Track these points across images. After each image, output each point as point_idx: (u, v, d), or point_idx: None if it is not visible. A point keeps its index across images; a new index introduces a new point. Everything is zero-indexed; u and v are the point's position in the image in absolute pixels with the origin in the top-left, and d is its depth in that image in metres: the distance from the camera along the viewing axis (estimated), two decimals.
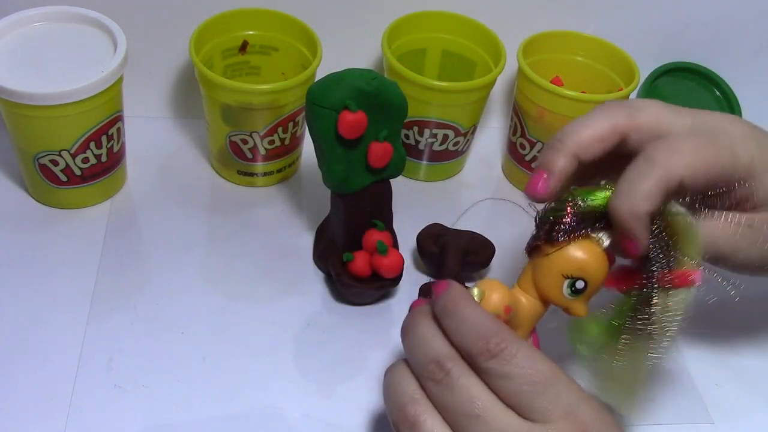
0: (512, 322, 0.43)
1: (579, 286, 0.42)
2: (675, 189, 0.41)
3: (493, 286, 0.43)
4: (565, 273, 0.42)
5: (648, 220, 0.41)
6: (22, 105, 0.54)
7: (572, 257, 0.42)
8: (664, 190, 0.41)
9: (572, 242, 0.42)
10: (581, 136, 0.43)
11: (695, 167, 0.42)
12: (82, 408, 0.49)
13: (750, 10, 0.73)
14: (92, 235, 0.59)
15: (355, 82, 0.51)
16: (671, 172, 0.41)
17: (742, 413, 0.55)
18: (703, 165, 0.42)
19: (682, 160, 0.41)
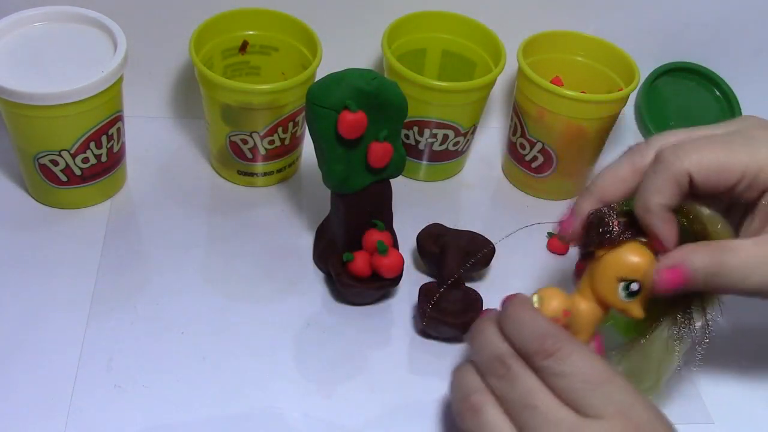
0: (572, 326, 0.46)
1: (634, 288, 0.45)
2: (686, 184, 0.44)
3: (551, 293, 0.45)
4: (618, 276, 0.45)
5: (664, 214, 0.44)
6: (22, 105, 0.54)
7: (624, 260, 0.45)
8: (673, 183, 0.44)
9: (623, 246, 0.45)
10: (605, 181, 0.47)
11: (704, 163, 0.44)
12: (82, 408, 0.49)
13: (750, 10, 0.73)
14: (92, 235, 0.59)
15: (355, 82, 0.51)
16: (679, 166, 0.44)
17: (742, 413, 0.55)
18: (714, 162, 0.44)
19: (689, 156, 0.44)
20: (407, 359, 0.55)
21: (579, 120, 0.63)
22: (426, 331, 0.56)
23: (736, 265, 0.43)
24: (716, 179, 0.44)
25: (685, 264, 0.43)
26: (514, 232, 0.53)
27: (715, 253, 0.43)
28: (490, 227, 0.61)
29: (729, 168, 0.44)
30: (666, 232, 0.44)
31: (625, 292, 0.45)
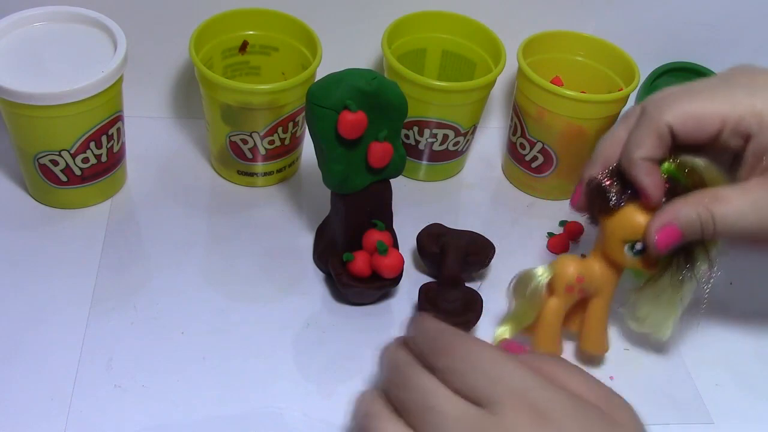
0: (589, 288, 0.51)
1: (638, 247, 0.48)
2: (667, 135, 0.46)
3: (566, 261, 0.50)
4: (623, 239, 0.48)
5: (647, 166, 0.46)
6: (22, 105, 0.54)
7: (625, 224, 0.48)
8: (654, 135, 0.46)
9: (623, 210, 0.48)
10: (604, 147, 0.49)
11: (683, 114, 0.46)
12: (82, 408, 0.49)
13: (750, 10, 0.73)
14: (92, 235, 0.59)
15: (355, 82, 0.51)
16: (658, 119, 0.46)
17: (742, 413, 0.55)
18: (693, 112, 0.46)
19: (669, 108, 0.46)
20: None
21: (579, 120, 0.63)
22: None
23: (725, 213, 0.45)
24: (696, 128, 0.46)
25: (676, 221, 0.46)
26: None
27: (703, 205, 0.45)
28: (490, 227, 0.61)
29: (708, 117, 0.46)
30: (649, 184, 0.47)
31: (631, 252, 0.48)
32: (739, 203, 0.45)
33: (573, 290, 0.50)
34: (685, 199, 0.46)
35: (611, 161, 0.49)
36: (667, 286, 0.50)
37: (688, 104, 0.46)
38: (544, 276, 0.50)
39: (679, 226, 0.46)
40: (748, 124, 0.45)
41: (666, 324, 0.52)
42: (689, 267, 0.49)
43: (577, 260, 0.51)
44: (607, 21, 0.71)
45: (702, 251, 0.49)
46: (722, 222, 0.45)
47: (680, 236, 0.46)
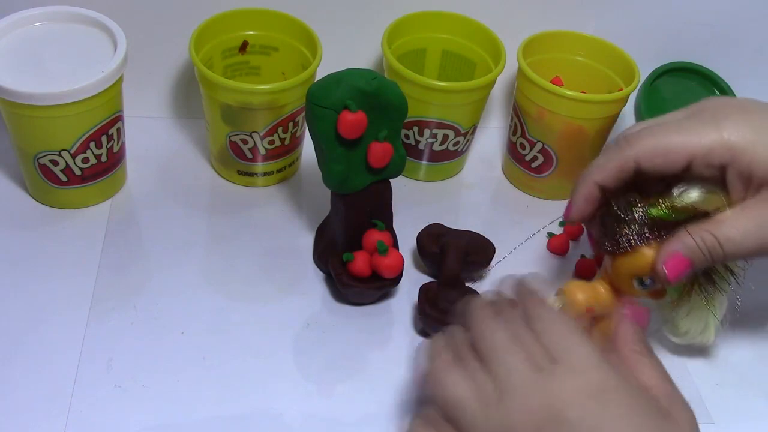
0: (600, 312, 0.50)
1: (647, 282, 0.48)
2: (630, 169, 0.48)
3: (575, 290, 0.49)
4: (632, 275, 0.48)
5: (592, 191, 0.49)
6: (22, 105, 0.54)
7: (636, 262, 0.48)
8: (616, 166, 0.48)
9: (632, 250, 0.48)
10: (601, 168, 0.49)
11: (650, 149, 0.47)
12: (82, 408, 0.49)
13: (750, 10, 0.73)
14: (92, 235, 0.59)
15: (355, 82, 0.51)
16: (627, 152, 0.48)
17: (742, 413, 0.55)
18: (659, 147, 0.47)
19: (639, 143, 0.48)
20: (407, 359, 0.55)
21: (579, 120, 0.63)
22: (426, 331, 0.56)
23: (728, 235, 0.46)
24: (664, 162, 0.47)
25: (682, 249, 0.46)
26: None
27: (706, 230, 0.46)
28: (490, 227, 0.61)
29: (674, 151, 0.47)
30: (576, 203, 0.50)
31: (641, 286, 0.49)
32: (741, 223, 0.46)
33: (583, 318, 0.50)
34: (688, 229, 0.47)
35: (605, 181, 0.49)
36: (699, 302, 0.52)
37: (655, 139, 0.48)
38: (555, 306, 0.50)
39: (685, 255, 0.46)
40: (718, 156, 0.46)
41: (708, 330, 0.54)
42: (712, 286, 0.50)
43: (585, 288, 0.50)
44: (607, 21, 0.71)
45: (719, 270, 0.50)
46: (728, 244, 0.46)
47: (689, 264, 0.46)
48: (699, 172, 0.47)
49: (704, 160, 0.46)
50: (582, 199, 0.50)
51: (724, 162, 0.46)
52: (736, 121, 0.47)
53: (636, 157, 0.47)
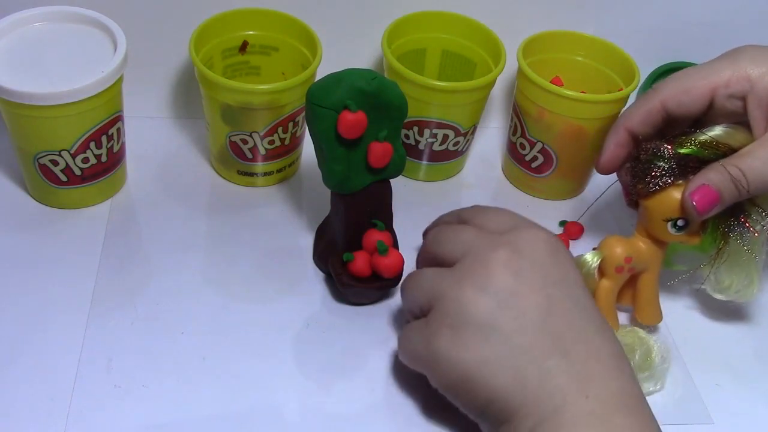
0: (638, 266, 0.54)
1: (680, 224, 0.51)
2: (656, 111, 0.50)
3: (613, 242, 0.53)
4: (664, 218, 0.51)
5: (623, 136, 0.52)
6: (22, 105, 0.54)
7: (666, 203, 0.50)
8: (644, 111, 0.51)
9: (664, 190, 0.50)
10: (630, 114, 0.52)
11: (673, 90, 0.50)
12: (82, 408, 0.49)
13: (750, 10, 0.73)
14: (92, 235, 0.59)
15: (355, 82, 0.51)
16: (653, 97, 0.51)
17: (742, 413, 0.55)
18: (679, 86, 0.50)
19: (664, 87, 0.51)
20: None
21: (579, 120, 0.63)
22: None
23: (751, 165, 0.47)
24: (688, 100, 0.50)
25: (708, 181, 0.48)
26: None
27: (730, 163, 0.48)
28: None
29: (696, 88, 0.50)
30: (608, 148, 0.53)
31: (674, 229, 0.51)
32: (762, 153, 0.47)
33: (623, 270, 0.53)
34: (712, 164, 0.49)
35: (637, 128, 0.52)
36: (738, 248, 0.52)
37: (678, 81, 0.51)
38: (594, 261, 0.53)
39: (712, 186, 0.48)
40: (737, 86, 0.49)
41: (751, 283, 0.55)
42: (746, 224, 0.51)
43: (623, 241, 0.53)
44: (607, 21, 0.71)
45: (751, 207, 0.51)
46: (751, 173, 0.47)
47: (717, 196, 0.48)
48: (722, 106, 0.49)
49: (725, 91, 0.49)
50: (613, 144, 0.52)
51: (744, 92, 0.48)
52: (751, 54, 0.49)
53: (662, 99, 0.50)
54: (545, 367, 0.42)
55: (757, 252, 0.53)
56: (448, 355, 0.44)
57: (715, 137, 0.49)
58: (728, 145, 0.49)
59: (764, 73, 0.48)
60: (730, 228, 0.52)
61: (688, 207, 0.48)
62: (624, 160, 0.54)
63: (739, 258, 0.53)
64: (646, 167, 0.51)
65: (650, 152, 0.51)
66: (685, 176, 0.50)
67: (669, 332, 0.59)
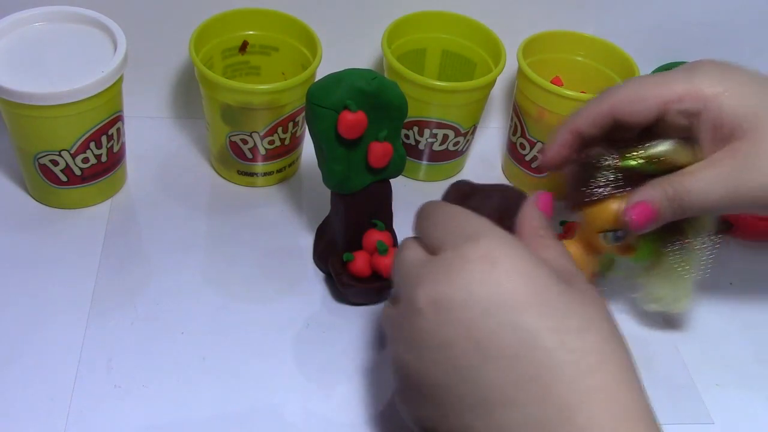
0: None
1: (617, 235, 0.49)
2: (604, 115, 0.49)
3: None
4: (601, 228, 0.50)
5: (567, 136, 0.50)
6: (22, 105, 0.54)
7: (604, 214, 0.49)
8: (593, 113, 0.49)
9: (604, 201, 0.49)
10: (579, 116, 0.50)
11: (623, 97, 0.49)
12: (82, 408, 0.49)
13: (750, 10, 0.73)
14: (92, 235, 0.59)
15: (355, 82, 0.51)
16: (601, 102, 0.49)
17: (742, 413, 0.55)
18: (631, 94, 0.48)
19: (615, 92, 0.49)
20: None
21: None
22: None
23: (692, 186, 0.46)
24: (637, 110, 0.48)
25: (648, 198, 0.47)
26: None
27: (672, 182, 0.47)
28: None
29: (648, 98, 0.48)
30: (552, 147, 0.51)
31: (610, 240, 0.50)
32: (706, 175, 0.46)
33: None
34: (655, 180, 0.48)
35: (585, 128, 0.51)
36: (672, 263, 0.52)
37: (630, 89, 0.49)
38: None
39: (650, 202, 0.47)
40: (689, 103, 0.47)
41: (683, 296, 0.54)
42: (682, 242, 0.51)
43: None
44: (607, 21, 0.71)
45: (690, 226, 0.50)
46: (692, 195, 0.46)
47: (655, 214, 0.47)
48: (672, 121, 0.48)
49: (676, 107, 0.47)
50: (557, 144, 0.51)
51: (695, 110, 0.47)
52: (707, 71, 0.48)
53: (612, 105, 0.48)
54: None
55: (691, 268, 0.52)
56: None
57: (660, 153, 0.48)
58: (673, 161, 0.48)
59: (718, 94, 0.46)
60: (666, 243, 0.51)
61: (625, 221, 0.47)
62: (567, 160, 0.52)
63: (673, 272, 0.53)
64: (589, 175, 0.50)
65: (595, 161, 0.50)
66: (627, 189, 0.49)
67: (669, 332, 0.59)
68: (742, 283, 0.64)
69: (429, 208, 0.45)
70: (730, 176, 0.46)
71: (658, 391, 0.55)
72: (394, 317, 0.42)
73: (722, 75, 0.48)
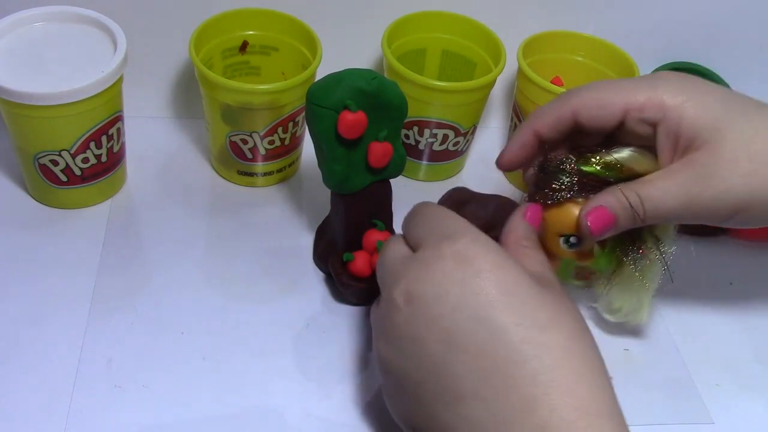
0: None
1: (573, 241, 0.49)
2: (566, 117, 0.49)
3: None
4: (558, 232, 0.49)
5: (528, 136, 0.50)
6: (22, 105, 0.54)
7: (561, 218, 0.49)
8: (554, 114, 0.49)
9: (561, 205, 0.48)
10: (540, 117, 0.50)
11: (587, 101, 0.48)
12: (82, 408, 0.49)
13: (750, 10, 0.73)
14: (92, 235, 0.59)
15: (355, 82, 0.51)
16: (564, 101, 0.49)
17: (742, 413, 0.55)
18: (595, 99, 0.48)
19: (577, 94, 0.49)
20: None
21: None
22: None
23: (650, 194, 0.46)
24: (598, 114, 0.48)
25: (606, 204, 0.47)
26: None
27: (630, 189, 0.47)
28: None
29: (610, 104, 0.48)
30: (510, 147, 0.51)
31: (567, 245, 0.49)
32: (664, 184, 0.46)
33: None
34: (613, 187, 0.48)
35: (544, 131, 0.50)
36: (631, 273, 0.51)
37: (593, 92, 0.49)
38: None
39: (608, 208, 0.47)
40: (650, 112, 0.47)
41: (641, 308, 0.54)
42: (642, 251, 0.50)
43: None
44: (607, 21, 0.71)
45: (648, 234, 0.50)
46: (650, 203, 0.46)
47: (612, 220, 0.47)
48: (632, 128, 0.48)
49: (637, 114, 0.47)
50: (517, 144, 0.50)
51: (656, 119, 0.47)
52: (669, 81, 0.48)
53: (574, 108, 0.48)
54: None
55: (650, 279, 0.52)
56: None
57: (620, 160, 0.48)
58: (632, 169, 0.48)
59: (678, 105, 0.46)
60: (625, 252, 0.51)
61: (582, 226, 0.47)
62: (526, 161, 0.52)
63: (632, 283, 0.52)
64: (548, 178, 0.49)
65: (554, 164, 0.49)
66: (586, 194, 0.48)
67: (669, 332, 0.59)
68: (742, 283, 0.64)
69: (416, 208, 0.47)
70: (686, 186, 0.46)
71: (658, 391, 0.55)
72: (376, 313, 0.45)
73: (683, 86, 0.48)
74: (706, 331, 0.60)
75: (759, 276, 0.65)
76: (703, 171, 0.45)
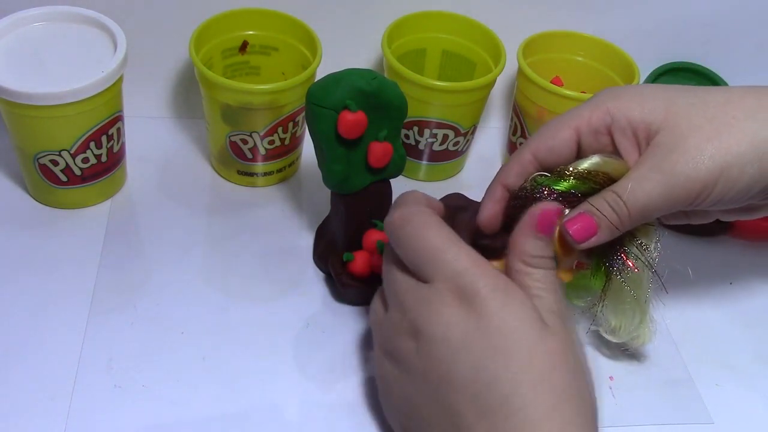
0: None
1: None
2: (528, 164, 0.49)
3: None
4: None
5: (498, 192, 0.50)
6: (22, 105, 0.54)
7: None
8: (516, 166, 0.49)
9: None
10: (505, 170, 0.50)
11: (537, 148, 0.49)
12: (82, 408, 0.49)
13: (749, 10, 0.73)
14: (92, 235, 0.59)
15: (355, 82, 0.51)
16: (522, 154, 0.49)
17: (742, 413, 0.55)
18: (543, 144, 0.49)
19: (528, 145, 0.49)
20: None
21: None
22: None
23: (627, 188, 0.46)
24: (554, 145, 0.49)
25: (587, 211, 0.46)
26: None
27: (609, 189, 0.47)
28: None
29: (561, 130, 0.48)
30: (486, 205, 0.50)
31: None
32: (637, 173, 0.46)
33: None
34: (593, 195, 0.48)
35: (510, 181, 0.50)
36: (621, 287, 0.50)
37: (544, 129, 0.49)
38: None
39: (589, 214, 0.46)
40: (599, 120, 0.48)
41: (642, 325, 0.53)
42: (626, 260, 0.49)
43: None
44: (607, 21, 0.71)
45: (631, 242, 0.49)
46: (629, 197, 0.46)
47: (595, 225, 0.46)
48: (589, 145, 0.48)
49: (588, 129, 0.48)
50: (491, 202, 0.50)
51: (606, 124, 0.48)
52: (610, 92, 0.49)
53: (532, 151, 0.49)
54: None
55: (640, 289, 0.51)
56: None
57: (590, 167, 0.47)
58: (607, 173, 0.47)
59: (622, 104, 0.47)
60: (611, 265, 0.49)
61: (565, 237, 0.46)
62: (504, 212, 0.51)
63: (624, 297, 0.51)
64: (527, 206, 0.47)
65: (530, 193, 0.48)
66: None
67: (669, 332, 0.59)
68: (742, 283, 0.64)
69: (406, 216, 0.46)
70: (659, 167, 0.45)
71: (658, 391, 0.55)
72: (382, 322, 0.47)
73: (620, 90, 0.49)
74: (706, 331, 0.60)
75: (759, 276, 0.65)
76: (669, 147, 0.46)
